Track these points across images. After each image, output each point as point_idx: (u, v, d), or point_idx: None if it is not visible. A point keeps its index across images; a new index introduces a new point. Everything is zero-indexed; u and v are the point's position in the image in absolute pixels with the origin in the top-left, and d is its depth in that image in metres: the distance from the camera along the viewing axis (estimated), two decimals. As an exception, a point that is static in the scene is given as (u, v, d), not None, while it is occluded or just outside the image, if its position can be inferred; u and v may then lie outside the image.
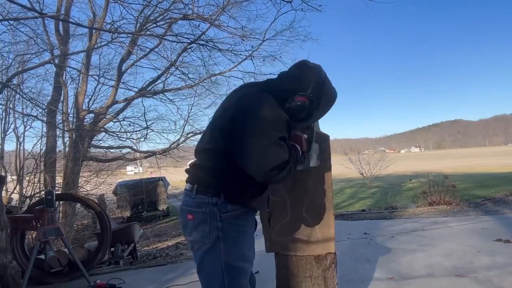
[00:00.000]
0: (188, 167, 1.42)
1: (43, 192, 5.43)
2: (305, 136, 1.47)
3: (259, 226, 1.93)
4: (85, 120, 7.49)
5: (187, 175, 1.43)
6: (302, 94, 1.32)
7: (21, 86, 6.91)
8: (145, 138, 8.84)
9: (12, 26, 5.30)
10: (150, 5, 5.96)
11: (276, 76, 1.47)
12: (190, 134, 9.30)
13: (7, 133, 6.98)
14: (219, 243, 1.30)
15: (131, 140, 8.82)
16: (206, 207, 1.30)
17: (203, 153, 1.37)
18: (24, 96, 6.34)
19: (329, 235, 2.03)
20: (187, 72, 8.40)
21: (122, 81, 7.89)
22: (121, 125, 8.47)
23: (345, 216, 7.13)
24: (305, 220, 2.06)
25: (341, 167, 18.54)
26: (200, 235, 1.31)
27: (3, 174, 6.16)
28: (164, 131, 9.22)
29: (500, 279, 2.80)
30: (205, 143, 1.38)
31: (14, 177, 7.02)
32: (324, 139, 2.09)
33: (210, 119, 1.45)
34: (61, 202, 6.14)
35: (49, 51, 6.59)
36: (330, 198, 2.05)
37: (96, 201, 6.08)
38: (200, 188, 1.33)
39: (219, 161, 1.31)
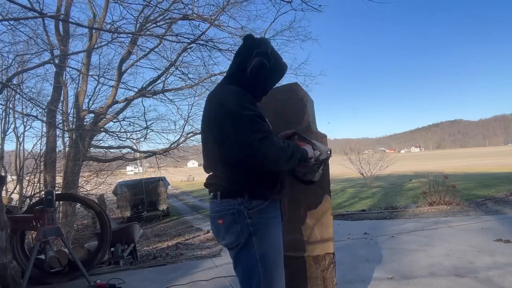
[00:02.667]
0: (207, 181, 1.51)
1: (43, 192, 5.43)
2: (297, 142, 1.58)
3: None
4: (85, 120, 7.50)
5: (208, 189, 1.51)
6: (258, 52, 1.42)
7: (21, 86, 6.92)
8: (145, 138, 8.86)
9: (12, 26, 5.31)
10: (150, 5, 5.96)
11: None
12: (190, 134, 9.31)
13: (7, 133, 7.00)
14: (251, 237, 1.37)
15: (131, 140, 8.84)
16: (233, 208, 1.38)
17: (215, 165, 1.46)
18: (24, 96, 6.34)
19: (328, 236, 2.03)
20: (187, 72, 8.41)
21: (122, 81, 7.90)
22: (121, 125, 8.49)
23: (345, 216, 7.13)
24: (304, 220, 2.05)
25: (341, 167, 18.53)
26: (233, 235, 1.39)
27: (3, 174, 6.16)
28: (164, 131, 9.24)
29: (501, 279, 2.80)
30: (214, 157, 1.45)
31: (14, 177, 7.02)
32: (322, 140, 2.10)
33: (204, 129, 1.51)
34: (61, 202, 6.14)
35: (49, 51, 6.60)
36: (328, 199, 2.05)
37: (96, 201, 6.08)
38: (223, 193, 1.42)
39: (231, 166, 1.39)
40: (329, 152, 1.64)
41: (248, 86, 1.44)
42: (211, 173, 1.49)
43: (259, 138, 1.28)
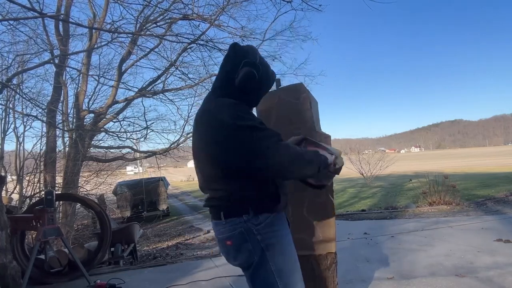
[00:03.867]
0: (207, 202, 1.44)
1: (43, 192, 5.42)
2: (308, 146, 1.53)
3: None
4: (85, 120, 7.49)
5: (209, 209, 1.45)
6: (246, 62, 1.36)
7: (21, 86, 6.92)
8: (145, 138, 8.86)
9: (12, 26, 5.30)
10: (150, 5, 5.96)
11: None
12: (190, 134, 9.30)
13: (7, 133, 6.99)
14: (265, 253, 1.31)
15: (131, 140, 8.84)
16: (241, 227, 1.32)
17: (214, 186, 1.38)
18: (24, 96, 6.34)
19: (330, 235, 2.03)
20: (187, 72, 8.41)
21: (122, 81, 7.90)
22: (121, 125, 8.49)
23: (345, 216, 7.13)
24: (306, 219, 2.06)
25: (341, 167, 18.46)
26: (245, 255, 1.33)
27: (3, 174, 6.16)
28: (164, 131, 9.24)
29: (501, 279, 2.80)
30: (210, 177, 1.38)
31: (14, 177, 7.02)
32: (325, 140, 2.10)
33: (197, 151, 1.44)
34: (61, 202, 6.14)
35: (49, 51, 6.60)
36: (331, 198, 2.05)
37: (96, 201, 6.08)
38: (227, 213, 1.35)
39: (230, 183, 1.33)
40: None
41: (237, 98, 1.37)
42: (209, 194, 1.42)
43: (272, 143, 1.22)
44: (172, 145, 9.04)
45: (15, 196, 6.44)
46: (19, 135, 7.04)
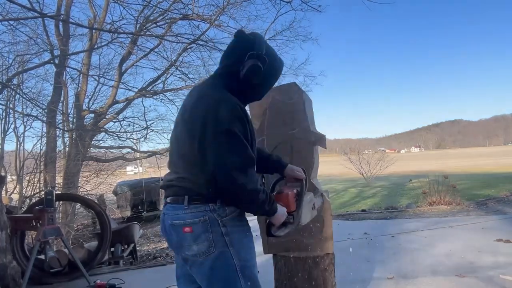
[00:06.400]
0: (167, 182, 1.34)
1: (43, 192, 5.42)
2: (294, 191, 1.38)
3: (256, 227, 1.93)
4: (85, 120, 7.50)
5: (166, 190, 1.35)
6: (251, 54, 1.29)
7: (21, 86, 6.90)
8: (145, 138, 8.85)
9: (12, 26, 5.30)
10: (150, 5, 5.96)
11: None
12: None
13: (7, 133, 6.98)
14: (227, 248, 1.25)
15: (131, 140, 8.83)
16: (205, 215, 1.24)
17: (186, 166, 1.30)
18: (24, 96, 6.33)
19: (327, 236, 2.03)
20: (187, 72, 8.40)
21: (122, 81, 7.89)
22: (121, 125, 8.47)
23: (345, 216, 7.13)
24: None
25: (341, 167, 18.53)
26: (204, 245, 1.25)
27: (3, 174, 6.16)
28: (164, 131, 9.22)
29: (500, 279, 2.79)
30: (186, 156, 1.29)
31: (14, 177, 7.01)
32: (320, 139, 2.09)
33: (179, 119, 1.36)
34: (61, 202, 6.14)
35: (49, 51, 6.59)
36: (327, 199, 2.05)
37: (96, 201, 6.08)
38: (192, 198, 1.26)
39: (204, 168, 1.24)
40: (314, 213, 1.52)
41: (240, 91, 1.33)
42: (175, 174, 1.31)
43: (239, 164, 1.18)
44: (172, 145, 9.02)
45: (15, 196, 6.44)
46: (19, 135, 7.04)
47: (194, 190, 1.26)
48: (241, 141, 1.21)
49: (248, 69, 1.29)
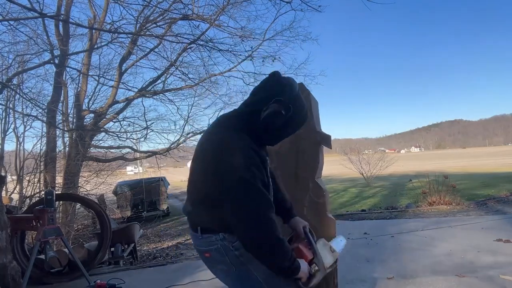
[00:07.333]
0: (186, 211, 1.44)
1: (43, 192, 5.42)
2: (304, 242, 1.44)
3: None
4: (85, 120, 7.50)
5: (187, 217, 1.45)
6: (278, 100, 1.27)
7: (21, 86, 6.91)
8: (145, 138, 8.87)
9: (12, 26, 5.30)
10: (150, 5, 5.96)
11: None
12: (190, 134, 9.31)
13: (7, 133, 6.98)
14: (246, 266, 1.31)
15: (131, 140, 8.84)
16: (217, 244, 1.31)
17: (200, 202, 1.35)
18: (24, 96, 6.33)
19: (330, 235, 2.03)
20: (187, 72, 8.41)
21: (122, 81, 7.90)
22: (121, 125, 8.49)
23: (345, 216, 7.14)
24: (306, 220, 2.05)
25: (341, 167, 18.53)
26: (225, 266, 1.33)
27: (3, 174, 6.15)
28: (164, 131, 9.24)
29: (501, 278, 2.80)
30: (200, 189, 1.34)
31: (14, 177, 7.02)
32: (326, 140, 2.10)
33: (198, 150, 1.38)
34: (61, 202, 6.14)
35: (49, 51, 6.60)
36: (329, 199, 2.06)
37: (96, 201, 6.08)
38: (203, 229, 1.34)
39: (214, 213, 1.29)
40: (335, 262, 1.49)
41: (256, 131, 1.31)
42: (191, 205, 1.39)
43: (264, 212, 1.19)
44: (172, 145, 9.04)
45: (15, 196, 6.44)
46: (19, 135, 7.04)
47: (204, 222, 1.33)
48: (257, 188, 1.20)
49: (270, 112, 1.28)
